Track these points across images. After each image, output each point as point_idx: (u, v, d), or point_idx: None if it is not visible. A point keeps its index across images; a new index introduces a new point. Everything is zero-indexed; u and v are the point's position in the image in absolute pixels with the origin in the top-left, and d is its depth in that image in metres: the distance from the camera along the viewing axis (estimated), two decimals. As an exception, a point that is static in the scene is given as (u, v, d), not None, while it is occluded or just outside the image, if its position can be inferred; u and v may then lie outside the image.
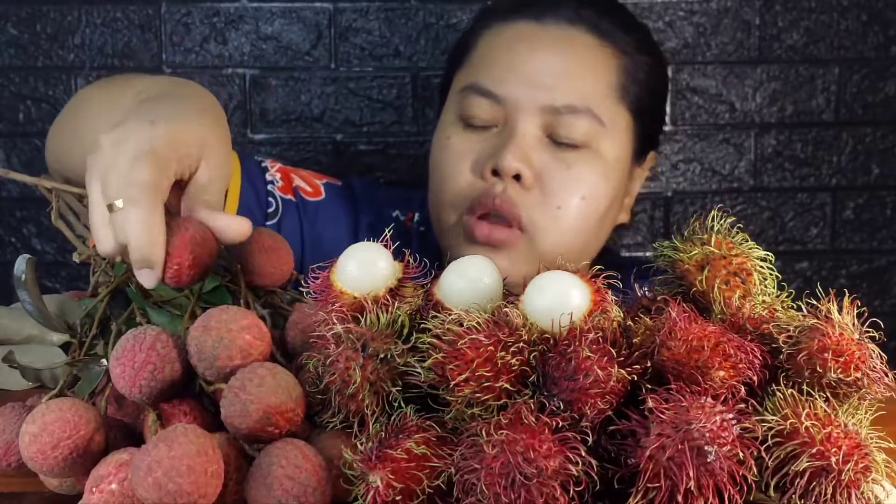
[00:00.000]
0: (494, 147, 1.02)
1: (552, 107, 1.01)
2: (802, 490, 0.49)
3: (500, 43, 1.06)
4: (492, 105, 1.02)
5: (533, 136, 1.01)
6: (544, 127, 1.02)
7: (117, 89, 0.96)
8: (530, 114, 1.01)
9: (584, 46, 1.05)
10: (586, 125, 1.02)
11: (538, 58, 1.04)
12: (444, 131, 1.07)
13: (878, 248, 1.74)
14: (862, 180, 1.72)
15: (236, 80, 1.67)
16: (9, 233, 1.68)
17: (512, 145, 1.00)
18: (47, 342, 0.65)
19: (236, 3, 1.66)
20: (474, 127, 1.04)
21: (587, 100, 1.03)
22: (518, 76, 1.03)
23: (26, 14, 1.64)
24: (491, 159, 1.00)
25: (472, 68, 1.07)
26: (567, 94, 1.02)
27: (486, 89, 1.03)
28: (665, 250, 0.60)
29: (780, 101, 1.70)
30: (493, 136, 1.03)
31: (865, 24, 1.69)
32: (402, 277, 0.60)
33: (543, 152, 1.02)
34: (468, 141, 1.04)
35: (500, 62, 1.04)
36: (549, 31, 1.05)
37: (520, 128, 1.01)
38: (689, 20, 1.69)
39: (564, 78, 1.03)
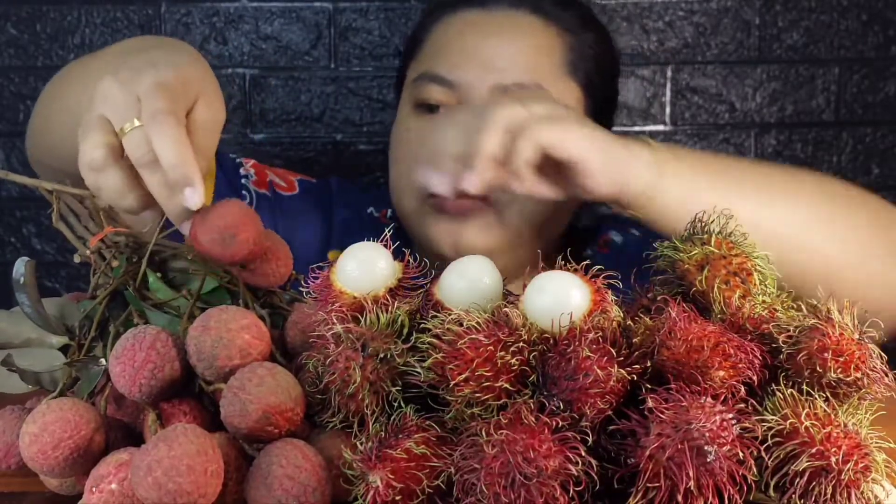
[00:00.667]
0: None
1: (502, 85, 1.05)
2: (802, 490, 0.49)
3: (449, 32, 1.11)
4: (445, 91, 1.06)
5: None
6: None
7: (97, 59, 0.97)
8: (482, 95, 1.06)
9: (529, 27, 1.10)
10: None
11: (486, 42, 1.09)
12: (402, 123, 1.11)
13: (878, 248, 1.74)
14: (862, 180, 1.72)
15: (236, 80, 1.67)
16: (9, 233, 1.68)
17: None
18: (46, 345, 0.65)
19: (236, 3, 1.66)
20: (430, 113, 1.08)
21: (535, 75, 1.07)
22: (468, 61, 1.07)
23: (26, 14, 1.64)
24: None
25: (425, 59, 1.11)
26: (516, 73, 1.06)
27: (439, 76, 1.07)
28: (665, 250, 0.60)
29: (780, 101, 1.70)
30: None
31: (865, 24, 1.69)
32: (402, 277, 0.60)
33: None
34: (425, 129, 1.08)
35: (450, 49, 1.09)
36: (495, 16, 1.10)
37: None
38: (689, 20, 1.69)
39: (512, 58, 1.08)
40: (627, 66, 1.70)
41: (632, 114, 1.70)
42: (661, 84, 1.70)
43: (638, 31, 1.69)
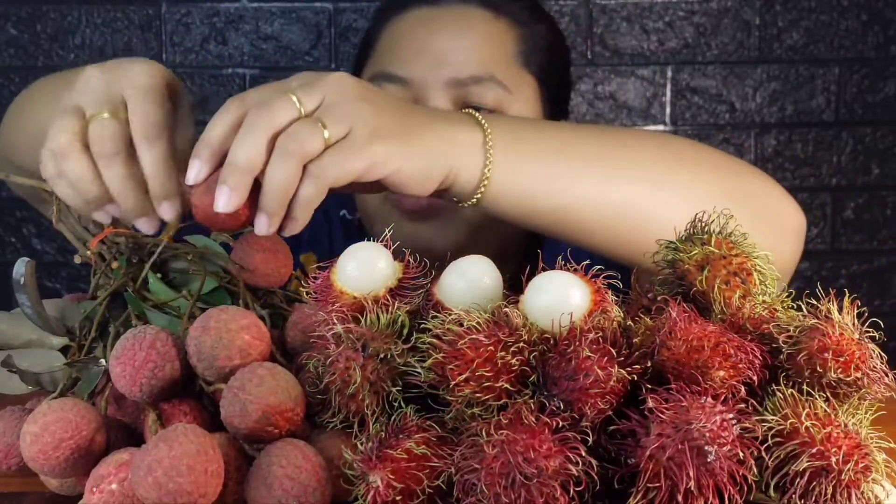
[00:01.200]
0: None
1: (457, 79, 1.06)
2: (802, 490, 0.49)
3: (400, 31, 1.11)
4: (400, 89, 1.07)
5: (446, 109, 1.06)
6: (454, 101, 1.07)
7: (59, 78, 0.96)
8: (438, 90, 1.06)
9: (480, 21, 1.11)
10: (493, 92, 1.07)
11: (438, 37, 1.09)
12: None
13: (878, 248, 1.74)
14: (862, 180, 1.73)
15: (236, 80, 1.67)
16: (9, 233, 1.68)
17: None
18: (46, 346, 0.65)
19: (236, 3, 1.66)
20: None
21: (489, 68, 1.07)
22: (421, 57, 1.07)
23: (26, 14, 1.64)
24: None
25: (377, 59, 1.12)
26: (470, 66, 1.07)
27: (393, 74, 1.08)
28: (665, 250, 0.60)
29: (781, 101, 1.70)
30: None
31: (865, 24, 1.69)
32: (403, 277, 0.60)
33: None
34: None
35: (402, 47, 1.10)
36: (445, 12, 1.11)
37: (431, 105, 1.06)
38: (689, 20, 1.69)
39: (465, 51, 1.08)
40: (628, 66, 1.70)
41: (632, 114, 1.70)
42: (661, 84, 1.70)
43: (638, 31, 1.69)
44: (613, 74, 1.70)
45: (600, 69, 1.70)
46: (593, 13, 1.69)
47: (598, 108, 1.70)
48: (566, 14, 1.69)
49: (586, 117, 1.70)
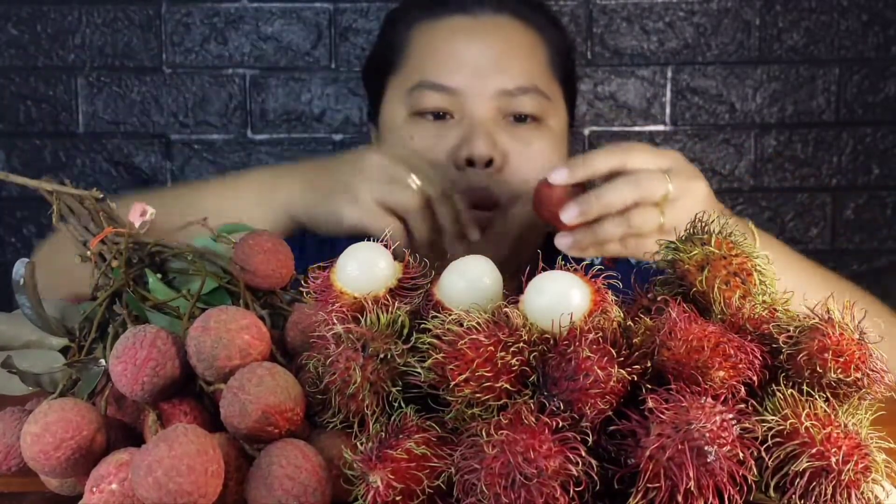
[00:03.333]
0: (460, 137, 1.08)
1: (505, 90, 1.09)
2: (802, 490, 0.49)
3: (436, 38, 1.12)
4: (445, 97, 1.09)
5: (492, 120, 1.09)
6: (499, 109, 1.09)
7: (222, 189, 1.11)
8: (485, 100, 1.08)
9: (515, 31, 1.13)
10: (536, 101, 1.10)
11: (479, 46, 1.11)
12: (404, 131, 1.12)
13: (878, 248, 1.74)
14: (862, 180, 1.73)
15: (236, 80, 1.67)
16: (9, 233, 1.68)
17: (479, 133, 1.07)
18: (46, 346, 0.65)
19: (236, 3, 1.66)
20: (432, 117, 1.10)
21: (533, 78, 1.11)
22: (466, 66, 1.09)
23: (27, 14, 1.64)
24: (464, 149, 1.07)
25: (415, 67, 1.12)
26: (515, 76, 1.09)
27: (439, 84, 1.09)
28: (665, 250, 0.60)
29: (781, 101, 1.70)
30: (453, 125, 1.09)
31: (865, 24, 1.69)
32: (403, 277, 0.60)
33: (504, 133, 1.09)
34: (432, 133, 1.10)
35: (444, 56, 1.11)
36: (482, 22, 1.12)
37: (478, 115, 1.08)
38: (690, 20, 1.69)
39: (508, 61, 1.10)
40: (628, 66, 1.70)
41: (632, 114, 1.70)
42: (661, 84, 1.70)
43: (638, 31, 1.69)
44: (613, 75, 1.70)
45: (600, 69, 1.70)
46: (593, 13, 1.69)
47: (598, 108, 1.70)
48: (566, 14, 1.69)
49: (586, 117, 1.70)
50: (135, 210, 0.75)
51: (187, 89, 1.67)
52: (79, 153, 1.67)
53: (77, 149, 1.67)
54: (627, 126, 1.70)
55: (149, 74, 1.66)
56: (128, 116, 1.67)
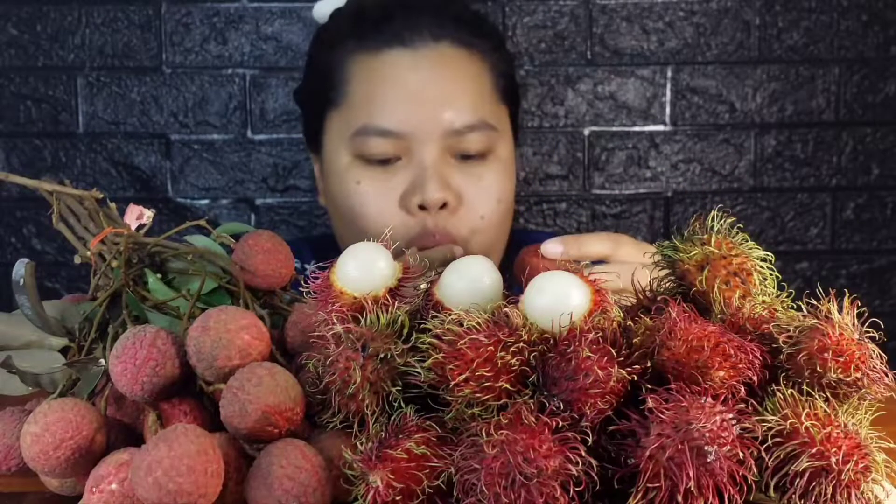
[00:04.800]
0: (410, 181, 1.06)
1: (453, 129, 1.05)
2: (802, 490, 0.49)
3: (377, 77, 1.08)
4: (391, 142, 1.05)
5: (441, 160, 1.06)
6: (447, 148, 1.06)
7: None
8: (432, 141, 1.05)
9: (459, 61, 1.09)
10: (484, 136, 1.07)
11: (424, 85, 1.07)
12: (349, 175, 1.08)
13: (878, 248, 1.74)
14: (862, 180, 1.72)
15: (236, 80, 1.67)
16: (9, 233, 1.68)
17: (430, 177, 1.04)
18: (46, 347, 0.65)
19: (236, 3, 1.66)
20: (378, 162, 1.07)
21: (479, 112, 1.07)
22: (410, 108, 1.05)
23: (26, 14, 1.64)
24: (416, 194, 1.05)
25: (356, 109, 1.08)
26: (462, 114, 1.06)
27: (384, 129, 1.05)
28: (665, 250, 0.60)
29: (781, 101, 1.70)
30: (401, 167, 1.07)
31: (865, 24, 1.69)
32: (403, 277, 0.60)
33: (455, 172, 1.07)
34: (378, 179, 1.07)
35: (386, 97, 1.06)
36: (422, 55, 1.08)
37: (428, 157, 1.05)
38: (689, 20, 1.69)
39: (454, 98, 1.07)
40: (628, 66, 1.70)
41: (632, 114, 1.70)
42: (661, 84, 1.70)
43: (638, 31, 1.69)
44: (613, 74, 1.70)
45: (600, 69, 1.70)
46: (593, 13, 1.69)
47: (598, 109, 1.70)
48: (566, 14, 1.69)
49: (586, 117, 1.70)
50: (131, 212, 0.75)
51: (187, 89, 1.67)
52: (79, 153, 1.67)
53: (77, 149, 1.67)
54: (627, 126, 1.70)
55: (149, 74, 1.66)
56: (128, 116, 1.67)
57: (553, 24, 1.68)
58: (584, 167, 1.71)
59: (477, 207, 1.08)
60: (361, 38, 1.10)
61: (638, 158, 1.71)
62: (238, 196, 1.69)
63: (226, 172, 1.68)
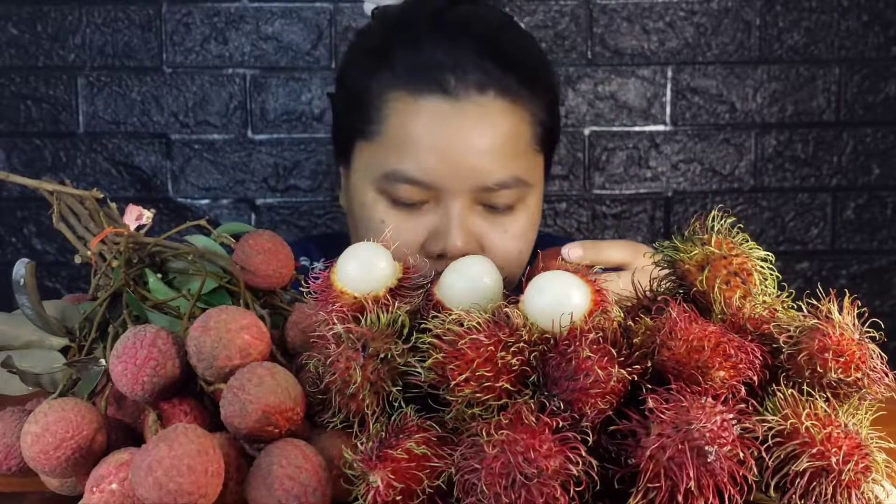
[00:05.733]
0: (434, 227, 1.04)
1: (484, 186, 1.03)
2: (803, 490, 0.49)
3: (414, 125, 1.04)
4: (420, 191, 1.04)
5: (468, 211, 1.04)
6: (476, 199, 1.05)
7: None
8: (463, 193, 1.03)
9: (501, 115, 1.05)
10: (515, 192, 1.05)
11: (460, 140, 1.04)
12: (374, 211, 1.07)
13: (878, 248, 1.74)
14: (862, 180, 1.72)
15: (236, 80, 1.67)
16: (9, 233, 1.68)
17: (455, 228, 1.03)
18: (46, 347, 0.65)
19: (236, 3, 1.66)
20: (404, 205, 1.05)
21: (513, 170, 1.05)
22: (444, 162, 1.03)
23: (27, 14, 1.64)
24: (438, 242, 1.04)
25: (388, 150, 1.06)
26: (496, 172, 1.04)
27: (414, 178, 1.03)
28: (665, 250, 0.60)
29: (781, 101, 1.70)
30: (427, 211, 1.05)
31: (866, 24, 1.69)
32: (403, 277, 0.60)
33: (480, 220, 1.05)
34: (403, 220, 1.05)
35: (421, 148, 1.04)
36: (465, 109, 1.04)
37: (454, 209, 1.04)
38: (690, 20, 1.69)
39: (491, 156, 1.04)
40: (628, 66, 1.70)
41: (632, 114, 1.70)
42: (661, 84, 1.70)
43: (638, 31, 1.69)
44: (614, 74, 1.70)
45: (600, 69, 1.70)
46: (593, 13, 1.69)
47: (598, 108, 1.70)
48: (566, 14, 1.69)
49: (586, 117, 1.70)
50: (130, 212, 0.75)
51: (187, 89, 1.67)
52: (79, 153, 1.67)
53: (77, 149, 1.67)
54: (627, 126, 1.70)
55: (149, 74, 1.66)
56: (128, 116, 1.67)
57: (553, 24, 1.68)
58: (585, 167, 1.71)
59: (498, 255, 1.06)
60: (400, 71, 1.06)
61: (638, 158, 1.71)
62: (238, 196, 1.69)
63: (226, 172, 1.68)
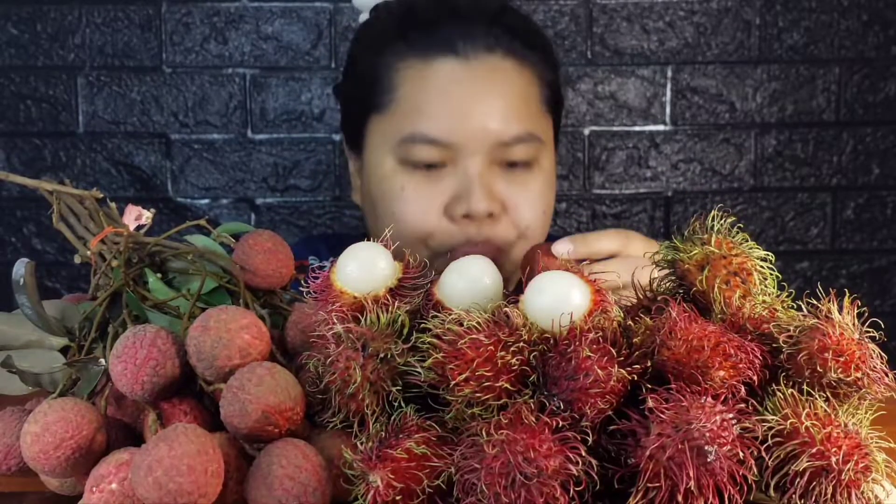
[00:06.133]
0: (456, 190, 1.06)
1: (501, 142, 1.06)
2: (802, 490, 0.49)
3: (428, 87, 1.08)
4: (439, 150, 1.06)
5: (487, 170, 1.06)
6: (493, 158, 1.07)
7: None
8: (480, 151, 1.06)
9: (509, 75, 1.09)
10: (531, 147, 1.08)
11: (475, 98, 1.07)
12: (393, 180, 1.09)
13: (878, 248, 1.74)
14: (862, 180, 1.73)
15: (236, 80, 1.67)
16: (9, 232, 1.68)
17: (477, 187, 1.05)
18: (46, 346, 0.65)
19: (236, 3, 1.66)
20: (423, 167, 1.07)
21: (528, 125, 1.08)
22: (461, 121, 1.06)
23: (27, 14, 1.64)
24: (461, 203, 1.05)
25: (404, 117, 1.08)
26: (512, 127, 1.07)
27: (433, 138, 1.06)
28: (665, 250, 0.60)
29: (781, 101, 1.70)
30: (446, 174, 1.07)
31: (866, 24, 1.69)
32: (403, 277, 0.60)
33: (500, 180, 1.07)
34: (423, 185, 1.07)
35: (437, 108, 1.07)
36: (475, 68, 1.08)
37: (475, 168, 1.06)
38: (690, 20, 1.69)
39: (505, 112, 1.07)
40: (628, 66, 1.70)
41: (632, 114, 1.70)
42: (661, 84, 1.70)
43: (638, 31, 1.69)
44: (613, 74, 1.70)
45: (600, 69, 1.70)
46: (593, 13, 1.69)
47: (598, 108, 1.70)
48: (566, 14, 1.69)
49: (586, 117, 1.70)
50: (129, 213, 0.75)
51: (187, 89, 1.67)
52: (79, 153, 1.67)
53: (77, 149, 1.67)
54: (627, 126, 1.70)
55: (149, 74, 1.66)
56: (128, 116, 1.67)
57: (553, 24, 1.68)
58: (585, 167, 1.71)
59: (521, 216, 1.08)
60: (411, 42, 1.09)
61: (638, 158, 1.71)
62: (238, 196, 1.69)
63: (226, 172, 1.68)
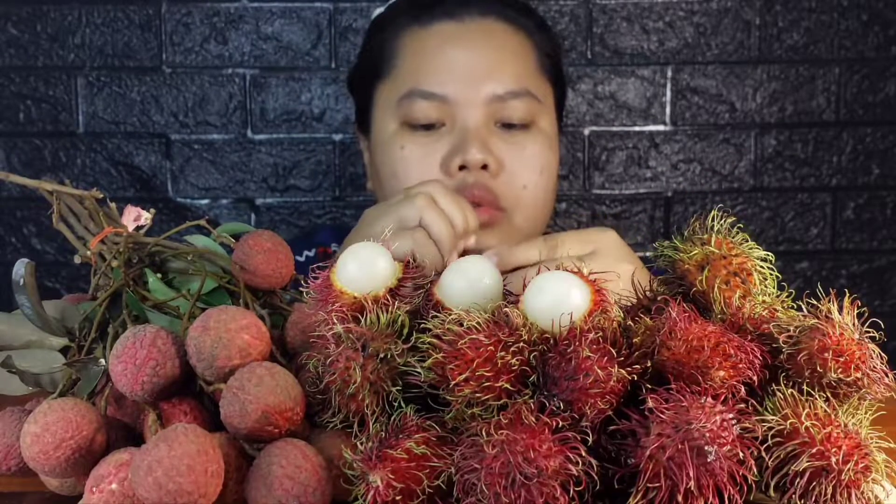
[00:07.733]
0: (453, 145, 1.08)
1: (496, 95, 1.09)
2: (802, 490, 0.49)
3: (426, 46, 1.12)
4: (437, 106, 1.09)
5: (484, 126, 1.09)
6: (491, 115, 1.09)
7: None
8: (477, 106, 1.08)
9: (504, 34, 1.13)
10: (527, 105, 1.10)
11: (469, 53, 1.11)
12: (394, 142, 1.11)
13: (878, 248, 1.74)
14: (862, 180, 1.72)
15: (236, 80, 1.67)
16: (9, 232, 1.68)
17: (472, 139, 1.07)
18: (46, 346, 0.65)
19: (236, 3, 1.66)
20: (422, 128, 1.10)
21: (523, 81, 1.11)
22: (456, 74, 1.09)
23: (26, 14, 1.64)
24: (457, 155, 1.07)
25: (404, 76, 1.12)
26: (506, 81, 1.09)
27: (430, 92, 1.09)
28: (665, 250, 0.60)
29: (781, 101, 1.70)
30: (445, 133, 1.10)
31: (866, 24, 1.69)
32: (403, 277, 0.60)
33: (497, 139, 1.10)
34: (423, 144, 1.10)
35: (434, 64, 1.11)
36: (469, 27, 1.13)
37: (471, 122, 1.08)
38: (690, 20, 1.69)
39: (499, 66, 1.10)
40: (628, 66, 1.70)
41: (632, 114, 1.70)
42: (661, 84, 1.70)
43: (638, 31, 1.69)
44: (613, 74, 1.70)
45: (600, 69, 1.70)
46: (593, 13, 1.69)
47: (598, 108, 1.70)
48: (566, 14, 1.69)
49: (586, 117, 1.70)
50: (129, 213, 0.75)
51: (187, 89, 1.67)
52: (79, 153, 1.67)
53: (77, 149, 1.67)
54: (627, 126, 1.70)
55: (149, 74, 1.66)
56: (128, 116, 1.67)
57: (553, 24, 1.68)
58: (585, 167, 1.71)
59: (519, 176, 1.10)
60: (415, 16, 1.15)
61: (638, 158, 1.71)
62: (238, 196, 1.69)
63: (226, 172, 1.68)
